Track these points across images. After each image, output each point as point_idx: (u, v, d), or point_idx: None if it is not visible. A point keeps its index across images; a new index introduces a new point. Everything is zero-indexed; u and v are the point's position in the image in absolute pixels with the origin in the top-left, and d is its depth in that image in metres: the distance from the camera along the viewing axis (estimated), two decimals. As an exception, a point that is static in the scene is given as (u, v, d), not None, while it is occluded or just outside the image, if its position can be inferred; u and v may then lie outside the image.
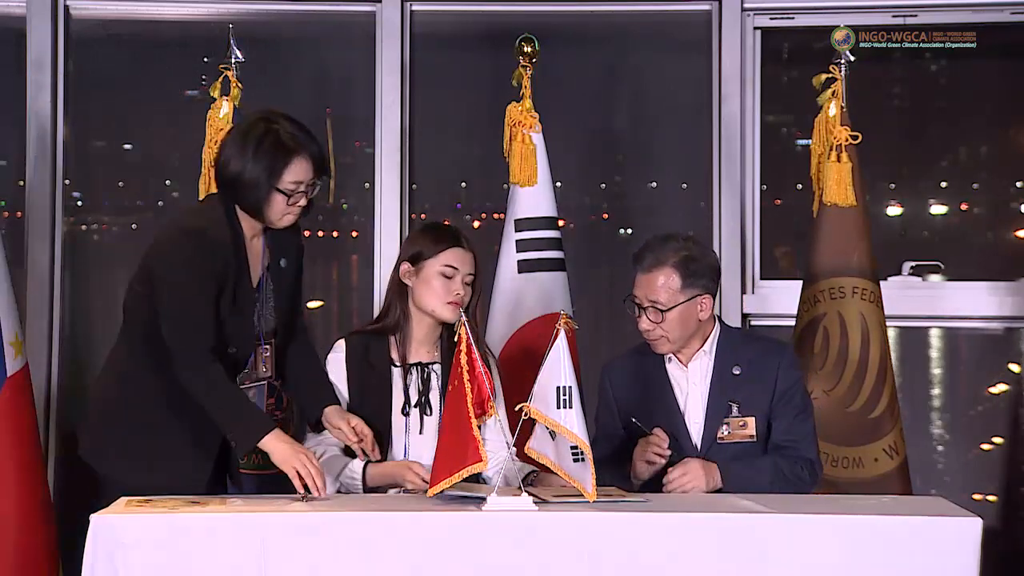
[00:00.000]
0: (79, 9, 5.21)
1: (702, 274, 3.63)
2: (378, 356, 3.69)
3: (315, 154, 3.43)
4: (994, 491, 5.17)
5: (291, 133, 3.42)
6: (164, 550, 3.05)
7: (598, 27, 5.27)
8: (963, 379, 5.31)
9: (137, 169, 5.37)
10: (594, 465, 3.17)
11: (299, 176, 3.41)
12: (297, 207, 3.45)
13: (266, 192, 3.39)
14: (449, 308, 3.64)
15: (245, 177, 3.38)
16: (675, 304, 3.59)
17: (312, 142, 3.45)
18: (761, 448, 3.63)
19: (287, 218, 3.46)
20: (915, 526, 3.10)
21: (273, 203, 3.41)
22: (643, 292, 3.62)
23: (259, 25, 5.21)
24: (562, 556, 3.06)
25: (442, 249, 3.65)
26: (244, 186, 3.39)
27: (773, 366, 3.65)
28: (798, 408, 3.65)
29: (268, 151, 3.38)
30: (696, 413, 3.65)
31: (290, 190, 3.41)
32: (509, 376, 3.80)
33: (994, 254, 5.31)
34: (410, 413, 3.66)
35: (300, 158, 3.41)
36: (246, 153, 3.39)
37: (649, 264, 3.61)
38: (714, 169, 5.14)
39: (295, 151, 3.40)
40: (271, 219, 3.45)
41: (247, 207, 3.43)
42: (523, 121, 4.44)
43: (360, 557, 3.06)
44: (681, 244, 3.64)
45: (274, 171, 3.38)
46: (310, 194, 3.46)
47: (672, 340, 3.64)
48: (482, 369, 3.19)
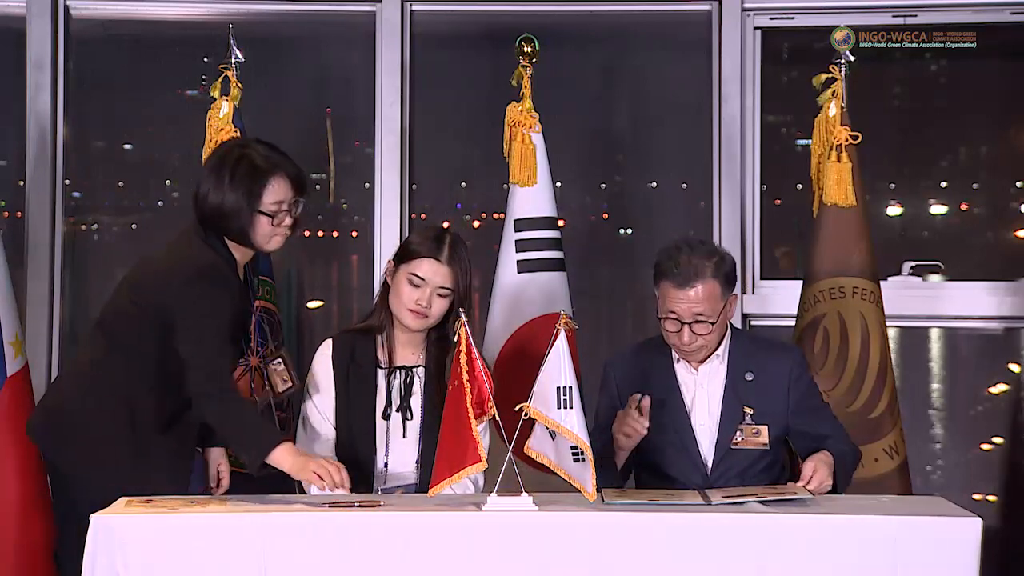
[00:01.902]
0: (79, 9, 5.21)
1: (733, 274, 3.60)
2: (364, 356, 3.68)
3: (292, 173, 3.50)
4: (994, 491, 5.17)
5: (264, 155, 3.48)
6: (164, 550, 3.06)
7: (598, 27, 5.27)
8: (963, 379, 5.31)
9: (137, 169, 5.37)
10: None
11: (279, 196, 3.46)
12: (284, 227, 3.50)
13: (249, 217, 3.45)
14: (409, 315, 3.62)
15: (226, 206, 3.44)
16: (719, 313, 3.56)
17: (287, 161, 3.51)
18: (772, 457, 3.63)
19: (276, 240, 3.51)
20: (915, 526, 3.10)
21: (258, 226, 3.46)
22: (686, 307, 3.53)
23: (259, 25, 5.21)
24: (562, 556, 3.06)
25: (417, 256, 3.64)
26: (227, 215, 3.44)
27: (784, 374, 3.63)
28: (821, 406, 3.69)
29: (244, 176, 3.44)
30: (703, 416, 3.63)
31: (272, 211, 3.46)
32: (509, 376, 3.79)
33: (994, 254, 5.30)
34: (391, 416, 3.66)
35: (277, 178, 3.46)
36: (222, 182, 3.45)
37: (688, 278, 3.52)
38: (714, 169, 5.14)
39: (271, 171, 3.46)
40: (259, 243, 3.50)
41: (234, 235, 3.48)
42: (523, 121, 4.44)
43: (360, 557, 3.07)
44: (708, 250, 3.58)
45: (253, 194, 3.44)
46: (294, 213, 3.51)
47: (711, 347, 3.61)
48: (482, 369, 3.19)
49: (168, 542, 3.07)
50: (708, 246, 3.62)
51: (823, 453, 3.52)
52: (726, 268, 3.58)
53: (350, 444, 3.63)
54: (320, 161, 5.30)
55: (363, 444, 3.62)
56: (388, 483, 3.62)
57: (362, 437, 3.62)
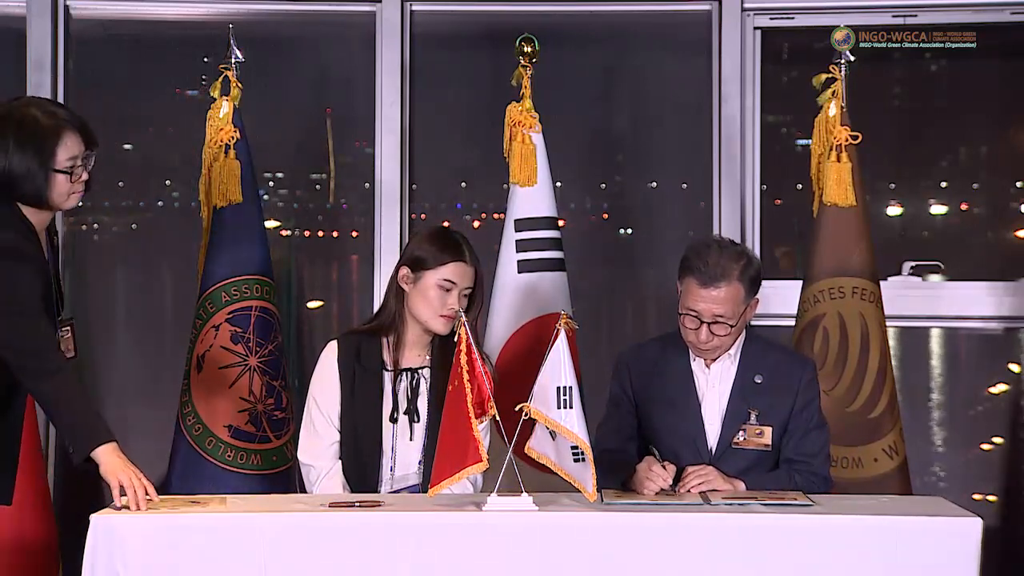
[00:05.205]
0: (79, 9, 5.21)
1: (758, 278, 3.59)
2: (369, 358, 3.67)
3: (79, 126, 3.36)
4: (994, 491, 5.16)
5: (48, 111, 3.34)
6: (164, 550, 3.06)
7: (598, 27, 5.27)
8: (963, 379, 5.31)
9: (137, 169, 5.37)
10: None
11: (72, 152, 3.33)
12: (80, 183, 3.36)
13: (44, 177, 3.30)
14: (441, 321, 3.62)
15: (16, 170, 3.29)
16: (739, 316, 3.56)
17: (72, 115, 3.37)
18: (774, 458, 3.63)
19: (73, 197, 3.37)
20: (915, 526, 3.11)
21: (55, 186, 3.32)
22: (707, 306, 3.51)
23: (259, 25, 5.21)
24: (562, 556, 3.07)
25: (444, 262, 3.62)
26: (18, 179, 3.29)
27: (795, 380, 3.63)
28: (815, 424, 3.63)
29: (32, 136, 3.30)
30: (712, 415, 3.63)
31: (67, 167, 3.32)
32: (509, 376, 3.79)
33: (994, 254, 5.30)
34: (398, 419, 3.65)
35: (67, 133, 3.32)
36: (6, 146, 3.29)
37: (714, 278, 3.50)
38: (714, 169, 5.14)
39: (60, 128, 3.32)
40: (57, 203, 3.35)
41: (28, 199, 3.32)
42: (523, 121, 4.44)
43: (360, 557, 3.07)
44: (738, 251, 3.56)
45: (45, 153, 3.30)
46: (88, 167, 3.37)
47: (726, 347, 3.61)
48: (482, 369, 3.19)
49: (168, 542, 3.07)
50: (738, 248, 3.60)
51: (729, 477, 3.52)
52: (752, 272, 3.56)
53: (355, 447, 3.63)
54: (320, 161, 5.30)
55: (369, 447, 3.62)
56: (395, 486, 3.62)
57: (368, 440, 3.62)
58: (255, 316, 4.41)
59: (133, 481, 3.17)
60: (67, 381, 3.26)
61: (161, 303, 5.34)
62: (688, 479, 3.47)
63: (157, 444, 4.59)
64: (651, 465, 3.45)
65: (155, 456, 4.43)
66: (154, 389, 5.15)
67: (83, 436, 3.22)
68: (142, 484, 3.18)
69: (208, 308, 4.41)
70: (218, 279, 4.42)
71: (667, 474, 3.43)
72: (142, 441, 4.72)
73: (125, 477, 3.17)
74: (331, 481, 3.61)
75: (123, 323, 5.33)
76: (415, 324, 3.67)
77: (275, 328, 4.46)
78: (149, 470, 3.31)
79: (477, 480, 3.56)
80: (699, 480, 3.46)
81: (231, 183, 4.44)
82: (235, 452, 4.35)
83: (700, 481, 3.46)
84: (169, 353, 5.14)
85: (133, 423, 5.05)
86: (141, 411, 5.15)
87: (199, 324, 4.41)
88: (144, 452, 4.24)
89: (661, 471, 3.42)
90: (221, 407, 4.35)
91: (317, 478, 3.62)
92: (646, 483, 3.41)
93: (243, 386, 4.36)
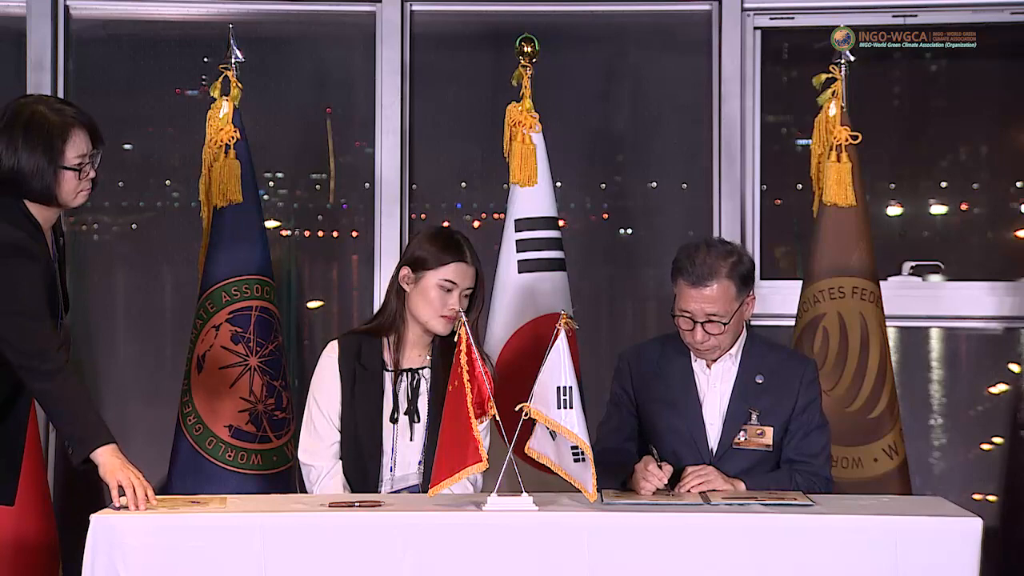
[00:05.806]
0: (79, 9, 5.21)
1: (750, 276, 3.60)
2: (370, 359, 3.68)
3: (87, 123, 3.36)
4: (994, 491, 5.16)
5: (57, 109, 3.35)
6: (164, 550, 3.06)
7: (598, 27, 5.27)
8: (963, 379, 5.31)
9: (137, 169, 5.36)
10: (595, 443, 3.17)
11: (80, 149, 3.34)
12: (88, 180, 3.37)
13: (53, 175, 3.31)
14: (442, 322, 3.62)
15: (25, 167, 3.29)
16: (733, 313, 3.56)
17: (80, 113, 3.37)
18: (775, 458, 3.63)
19: (81, 195, 3.38)
20: (915, 526, 3.11)
21: (63, 183, 3.33)
22: (698, 306, 3.53)
23: (259, 25, 5.21)
24: (562, 556, 3.07)
25: (445, 262, 3.63)
26: (27, 177, 3.30)
27: (796, 380, 3.63)
28: (816, 424, 3.64)
29: (41, 134, 3.30)
30: (712, 415, 3.63)
31: (76, 165, 3.33)
32: (509, 376, 3.79)
33: (994, 254, 5.30)
34: (398, 420, 3.65)
35: (75, 131, 3.33)
36: (15, 143, 3.30)
37: (703, 277, 3.52)
38: (714, 169, 5.14)
39: (69, 125, 3.33)
40: (65, 200, 3.36)
41: (37, 196, 3.33)
42: (523, 121, 4.44)
43: (360, 557, 3.07)
44: (727, 249, 3.58)
45: (54, 151, 3.31)
46: (95, 165, 3.38)
47: (724, 347, 3.62)
48: (482, 369, 3.19)
49: (168, 542, 3.07)
50: (727, 246, 3.61)
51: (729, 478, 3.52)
52: (743, 269, 3.57)
53: (356, 447, 3.63)
54: (320, 161, 5.30)
55: (370, 447, 3.62)
56: (395, 486, 3.62)
57: (369, 440, 3.62)
58: (255, 316, 4.41)
59: (132, 482, 3.17)
60: (68, 382, 3.26)
61: (161, 303, 5.33)
62: (688, 479, 3.47)
63: (157, 444, 4.59)
64: (647, 465, 3.46)
65: (155, 456, 4.43)
66: (154, 389, 5.15)
67: (83, 437, 3.22)
68: (142, 485, 3.18)
69: (208, 308, 4.41)
70: (218, 279, 4.42)
71: (663, 474, 3.43)
72: (142, 441, 4.73)
73: (124, 478, 3.17)
74: (331, 481, 3.61)
75: (123, 323, 5.32)
76: (416, 324, 3.67)
77: (275, 328, 4.46)
78: (149, 470, 3.32)
79: (477, 480, 3.56)
80: (699, 480, 3.47)
81: (231, 183, 4.44)
82: (235, 452, 4.35)
83: (700, 481, 3.46)
84: (169, 353, 5.14)
85: (133, 423, 5.05)
86: (141, 411, 5.15)
87: (199, 324, 4.42)
88: (144, 452, 4.26)
89: (657, 471, 3.43)
90: (221, 407, 4.35)
91: (317, 478, 3.62)
92: (642, 483, 3.42)
93: (243, 386, 4.36)
